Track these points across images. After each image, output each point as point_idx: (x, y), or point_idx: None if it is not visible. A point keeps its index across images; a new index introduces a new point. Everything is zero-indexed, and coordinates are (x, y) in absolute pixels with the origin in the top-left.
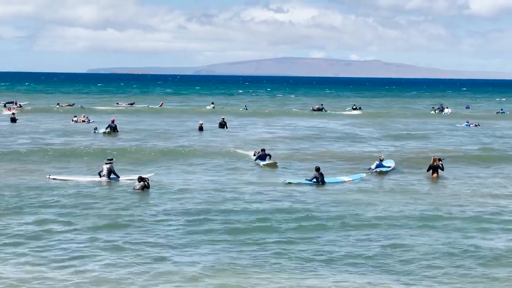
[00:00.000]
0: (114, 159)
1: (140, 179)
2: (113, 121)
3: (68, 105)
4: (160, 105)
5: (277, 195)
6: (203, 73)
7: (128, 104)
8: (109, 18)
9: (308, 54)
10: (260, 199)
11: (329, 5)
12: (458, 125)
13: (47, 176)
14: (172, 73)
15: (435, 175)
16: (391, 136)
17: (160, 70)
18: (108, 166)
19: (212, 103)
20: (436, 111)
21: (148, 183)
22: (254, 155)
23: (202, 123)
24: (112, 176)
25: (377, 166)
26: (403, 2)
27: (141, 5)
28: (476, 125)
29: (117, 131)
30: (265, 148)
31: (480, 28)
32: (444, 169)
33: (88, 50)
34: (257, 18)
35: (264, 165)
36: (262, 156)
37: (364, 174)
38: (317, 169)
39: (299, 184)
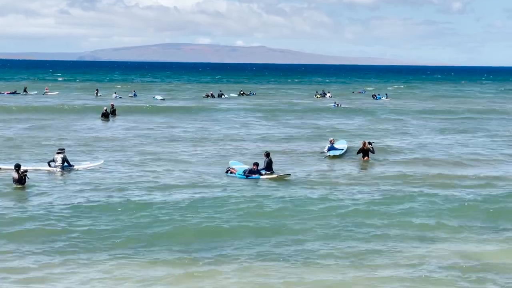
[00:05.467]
0: (65, 148)
1: (17, 168)
2: None
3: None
4: (46, 91)
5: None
6: (87, 59)
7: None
8: None
9: (194, 40)
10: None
11: None
12: (328, 105)
13: None
14: (55, 59)
15: (366, 158)
16: (282, 124)
17: (43, 55)
18: (61, 155)
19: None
20: (319, 96)
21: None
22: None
23: (106, 109)
24: (65, 165)
25: (329, 149)
26: None
27: None
28: (339, 105)
29: None
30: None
31: (361, 15)
32: (375, 152)
33: None
34: (141, 4)
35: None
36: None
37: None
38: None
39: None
